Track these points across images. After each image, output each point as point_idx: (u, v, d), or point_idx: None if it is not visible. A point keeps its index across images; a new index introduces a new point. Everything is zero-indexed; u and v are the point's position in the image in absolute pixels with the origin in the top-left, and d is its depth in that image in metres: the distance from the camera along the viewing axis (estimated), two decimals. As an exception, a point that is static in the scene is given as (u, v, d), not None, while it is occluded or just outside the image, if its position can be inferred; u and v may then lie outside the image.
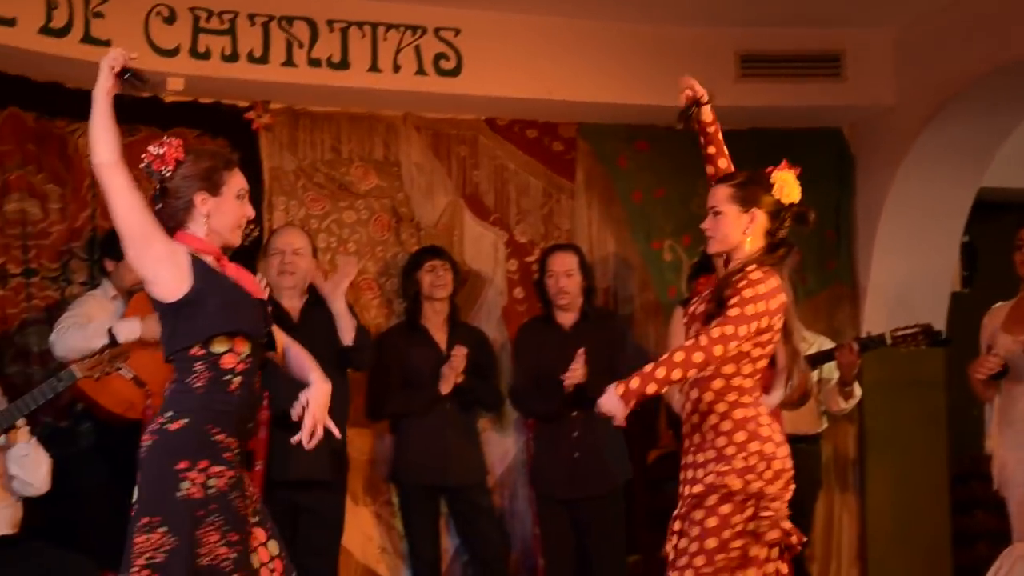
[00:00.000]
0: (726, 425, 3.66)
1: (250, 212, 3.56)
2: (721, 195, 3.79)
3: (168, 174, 3.48)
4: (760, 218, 3.73)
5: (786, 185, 3.76)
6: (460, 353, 5.36)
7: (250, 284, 3.58)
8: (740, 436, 3.63)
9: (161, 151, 3.49)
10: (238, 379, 3.43)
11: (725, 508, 3.59)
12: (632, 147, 6.22)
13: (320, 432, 3.50)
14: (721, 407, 3.67)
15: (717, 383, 3.68)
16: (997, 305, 5.02)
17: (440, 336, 5.55)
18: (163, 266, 3.38)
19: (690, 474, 3.70)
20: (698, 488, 3.63)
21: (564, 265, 5.44)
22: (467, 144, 6.07)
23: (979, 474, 5.38)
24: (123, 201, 3.35)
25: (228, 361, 3.43)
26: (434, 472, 5.41)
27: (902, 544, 6.15)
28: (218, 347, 3.43)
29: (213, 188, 3.49)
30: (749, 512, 3.59)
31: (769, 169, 3.82)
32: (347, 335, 5.13)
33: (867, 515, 6.22)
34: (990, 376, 4.81)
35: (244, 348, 3.45)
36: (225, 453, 3.38)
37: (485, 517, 5.55)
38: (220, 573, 3.29)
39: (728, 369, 3.68)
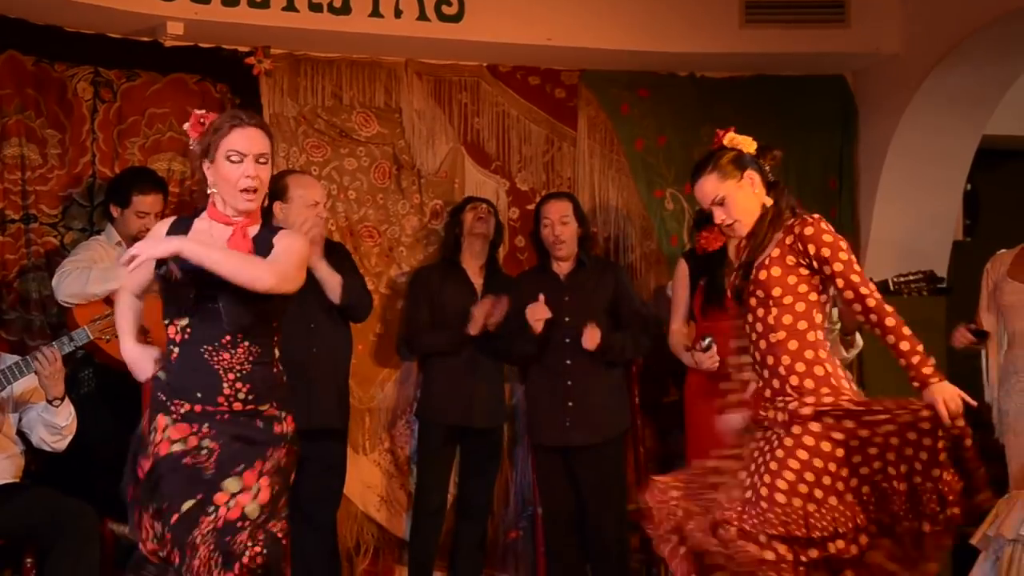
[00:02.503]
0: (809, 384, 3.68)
1: (247, 171, 3.43)
2: (710, 186, 3.81)
3: (194, 147, 3.52)
4: (753, 175, 3.79)
5: (740, 142, 3.82)
6: (492, 302, 5.31)
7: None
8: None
9: (188, 124, 3.52)
10: (177, 350, 3.48)
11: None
12: (634, 94, 6.17)
13: None
14: (800, 367, 3.69)
15: (793, 344, 3.69)
16: (1000, 252, 5.00)
17: (476, 280, 5.51)
18: None
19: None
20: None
21: (559, 213, 5.40)
22: (469, 91, 6.02)
23: (979, 422, 5.37)
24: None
25: (171, 332, 3.52)
26: (459, 413, 5.39)
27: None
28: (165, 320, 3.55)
29: (209, 154, 3.47)
30: None
31: (715, 144, 3.84)
32: (334, 294, 5.02)
33: (866, 463, 6.23)
34: (970, 344, 4.90)
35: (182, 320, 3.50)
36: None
37: (495, 465, 5.57)
38: None
39: (802, 325, 3.70)
